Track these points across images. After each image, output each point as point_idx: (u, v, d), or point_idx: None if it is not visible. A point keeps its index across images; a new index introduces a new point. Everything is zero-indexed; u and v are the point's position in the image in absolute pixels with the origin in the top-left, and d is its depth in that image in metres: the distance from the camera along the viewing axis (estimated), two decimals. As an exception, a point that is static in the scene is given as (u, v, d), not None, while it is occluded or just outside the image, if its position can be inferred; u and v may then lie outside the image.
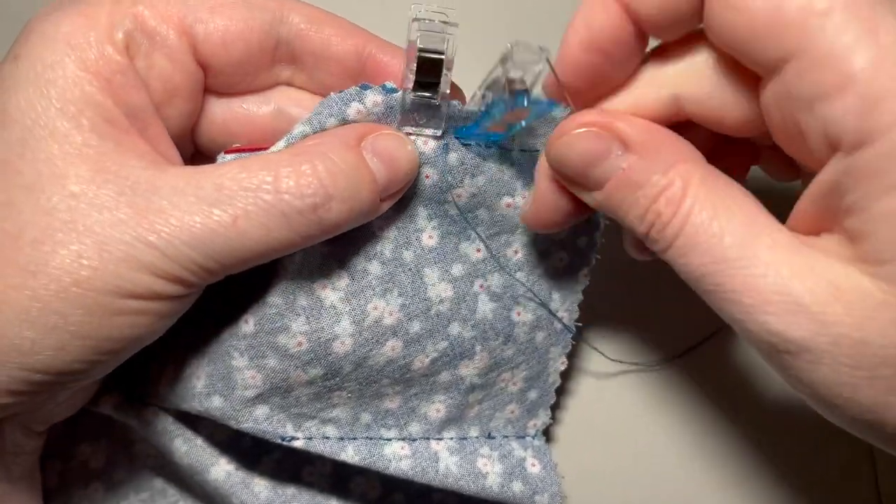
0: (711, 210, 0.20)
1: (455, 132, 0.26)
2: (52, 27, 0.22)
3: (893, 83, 0.17)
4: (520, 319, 0.29)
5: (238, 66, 0.25)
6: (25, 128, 0.21)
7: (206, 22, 0.24)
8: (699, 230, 0.20)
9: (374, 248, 0.26)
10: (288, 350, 0.25)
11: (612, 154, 0.22)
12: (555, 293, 0.30)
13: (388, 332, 0.26)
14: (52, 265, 0.20)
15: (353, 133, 0.24)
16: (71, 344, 0.20)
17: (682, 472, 0.35)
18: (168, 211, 0.20)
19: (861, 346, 0.18)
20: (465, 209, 0.27)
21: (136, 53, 0.23)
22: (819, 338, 0.19)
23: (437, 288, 0.27)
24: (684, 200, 0.20)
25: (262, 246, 0.21)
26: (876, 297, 0.18)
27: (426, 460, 0.28)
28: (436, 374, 0.28)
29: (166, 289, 0.21)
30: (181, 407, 0.27)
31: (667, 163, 0.21)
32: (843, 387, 0.19)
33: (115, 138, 0.21)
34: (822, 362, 0.19)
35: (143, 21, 0.23)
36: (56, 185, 0.20)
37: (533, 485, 0.29)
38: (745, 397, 0.35)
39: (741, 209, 0.20)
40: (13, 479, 0.25)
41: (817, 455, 0.35)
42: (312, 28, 0.25)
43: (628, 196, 0.22)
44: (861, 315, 0.18)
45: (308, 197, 0.21)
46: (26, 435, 0.25)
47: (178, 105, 0.25)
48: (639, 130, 0.22)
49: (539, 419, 0.31)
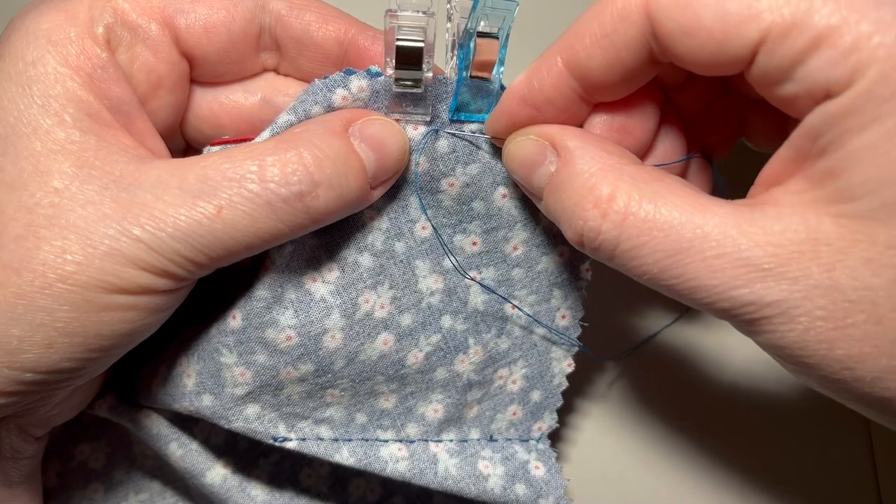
0: (651, 206, 0.20)
1: (450, 114, 0.25)
2: (33, 24, 0.22)
3: (860, 28, 0.17)
4: (512, 313, 0.28)
5: (222, 56, 0.25)
6: (8, 125, 0.21)
7: (187, 12, 0.24)
8: (643, 229, 0.20)
9: (365, 239, 0.26)
10: (277, 345, 0.25)
11: (546, 160, 0.23)
12: (556, 290, 0.29)
13: (379, 326, 0.26)
14: (35, 261, 0.19)
15: (339, 119, 0.23)
16: (58, 341, 0.20)
17: (682, 473, 0.35)
18: (152, 204, 0.20)
19: (833, 292, 0.18)
20: (460, 201, 0.26)
21: (117, 47, 0.23)
22: (792, 296, 0.19)
23: (427, 280, 0.26)
24: (615, 202, 0.20)
25: (249, 237, 0.21)
26: (843, 239, 0.18)
27: (424, 462, 0.28)
28: (431, 371, 0.27)
29: (154, 283, 0.21)
30: (173, 407, 0.26)
31: (593, 164, 0.21)
32: (820, 343, 0.19)
33: (99, 133, 0.21)
34: (797, 321, 0.19)
35: (124, 14, 0.23)
36: (39, 182, 0.20)
37: (537, 487, 0.29)
38: (745, 396, 0.35)
39: (679, 197, 0.20)
40: (12, 484, 0.25)
41: (817, 455, 0.35)
42: (293, 14, 0.25)
43: (557, 200, 0.22)
44: (829, 260, 0.18)
45: (293, 185, 0.21)
46: (24, 440, 0.25)
47: (163, 97, 0.24)
48: (570, 135, 0.23)
49: (545, 422, 0.30)
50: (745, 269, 0.19)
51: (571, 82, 0.23)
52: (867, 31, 0.17)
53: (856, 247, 0.18)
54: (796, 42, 0.18)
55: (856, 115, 0.18)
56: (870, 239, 0.18)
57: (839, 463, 0.35)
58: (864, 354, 0.18)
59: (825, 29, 0.18)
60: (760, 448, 0.35)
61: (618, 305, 0.36)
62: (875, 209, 0.18)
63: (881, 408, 0.19)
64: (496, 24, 0.23)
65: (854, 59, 0.17)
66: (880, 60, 0.17)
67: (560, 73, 0.22)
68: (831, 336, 0.18)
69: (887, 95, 0.17)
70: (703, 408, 0.35)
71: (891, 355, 0.18)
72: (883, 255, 0.18)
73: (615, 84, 0.22)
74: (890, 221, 0.18)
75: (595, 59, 0.22)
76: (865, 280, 0.18)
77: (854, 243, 0.18)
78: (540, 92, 0.23)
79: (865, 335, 0.18)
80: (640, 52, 0.21)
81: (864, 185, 0.18)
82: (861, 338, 0.18)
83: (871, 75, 0.17)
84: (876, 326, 0.18)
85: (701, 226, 0.20)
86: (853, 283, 0.18)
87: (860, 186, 0.18)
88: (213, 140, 0.25)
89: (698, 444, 0.35)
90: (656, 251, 0.20)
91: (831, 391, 0.20)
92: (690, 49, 0.20)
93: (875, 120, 0.17)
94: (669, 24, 0.20)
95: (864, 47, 0.17)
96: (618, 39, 0.21)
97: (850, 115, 0.18)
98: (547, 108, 0.23)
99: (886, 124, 0.17)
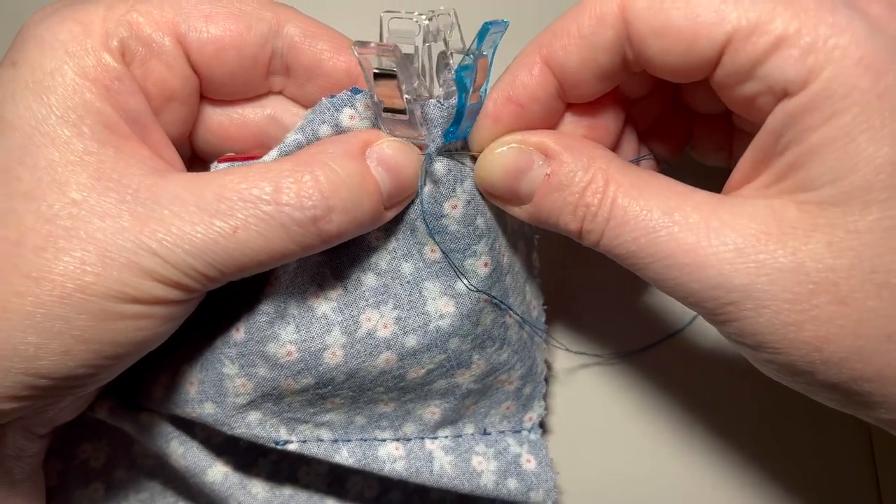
0: (635, 191, 0.22)
1: (449, 137, 0.25)
2: (49, 33, 0.22)
3: (818, 31, 0.19)
4: (511, 321, 0.29)
5: (231, 77, 0.25)
6: (25, 135, 0.21)
7: (200, 31, 0.24)
8: (627, 210, 0.22)
9: (369, 258, 0.26)
10: (278, 360, 0.25)
11: (534, 164, 0.24)
12: (527, 286, 0.30)
13: (381, 345, 0.26)
14: (55, 272, 0.20)
15: (357, 141, 0.23)
16: (75, 348, 0.20)
17: (681, 472, 0.35)
18: (169, 220, 0.21)
19: (798, 275, 0.19)
20: (465, 222, 0.26)
21: (131, 60, 0.23)
22: (759, 279, 0.20)
23: (437, 303, 0.26)
24: (608, 188, 0.22)
25: (262, 255, 0.22)
26: (806, 223, 0.20)
27: (420, 461, 0.28)
28: (431, 384, 0.28)
29: (168, 294, 0.21)
30: (175, 412, 0.27)
31: (586, 161, 0.23)
32: (788, 328, 0.20)
33: (116, 145, 0.22)
34: (765, 305, 0.20)
35: (139, 28, 0.23)
36: (57, 193, 0.21)
37: (528, 481, 0.30)
38: (744, 395, 0.35)
39: (659, 186, 0.22)
40: (15, 483, 0.26)
41: (817, 455, 0.35)
42: (306, 42, 0.25)
43: (557, 198, 0.23)
44: (794, 245, 0.20)
45: (308, 209, 0.21)
46: (28, 439, 0.25)
47: (175, 109, 0.25)
48: (555, 139, 0.24)
49: (534, 412, 0.31)
50: (715, 250, 0.20)
51: (552, 79, 0.24)
52: (824, 34, 0.19)
53: (818, 231, 0.19)
54: (759, 43, 0.20)
55: (814, 112, 0.19)
56: (830, 223, 0.19)
57: (839, 463, 0.35)
58: (831, 335, 0.19)
59: (785, 31, 0.19)
60: (760, 447, 0.35)
61: (617, 306, 0.36)
62: (835, 196, 0.19)
63: (847, 391, 0.20)
64: (487, 46, 0.23)
65: (811, 59, 0.19)
66: (836, 61, 0.19)
67: (542, 70, 0.24)
68: (798, 319, 0.20)
69: (843, 93, 0.19)
70: (701, 407, 0.35)
71: (856, 335, 0.19)
72: (843, 239, 0.19)
73: (588, 84, 0.24)
74: (849, 208, 0.19)
75: (572, 58, 0.23)
76: (827, 262, 0.19)
77: (816, 227, 0.19)
78: (524, 88, 0.24)
79: (830, 316, 0.19)
80: (614, 56, 0.22)
81: (824, 175, 0.19)
82: (827, 319, 0.19)
83: (827, 75, 0.19)
84: (839, 307, 0.19)
85: (678, 208, 0.21)
86: (816, 266, 0.19)
87: (821, 177, 0.19)
88: (220, 157, 0.25)
89: (696, 442, 0.35)
90: (636, 229, 0.22)
91: (800, 380, 0.21)
92: (661, 50, 0.21)
93: (832, 116, 0.19)
94: (643, 25, 0.21)
95: (820, 49, 0.19)
96: (595, 41, 0.22)
97: (809, 112, 0.19)
98: (531, 104, 0.24)
99: (843, 120, 0.19)
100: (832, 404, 0.22)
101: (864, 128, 0.19)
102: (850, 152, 0.19)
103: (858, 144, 0.19)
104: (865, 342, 0.19)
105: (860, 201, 0.19)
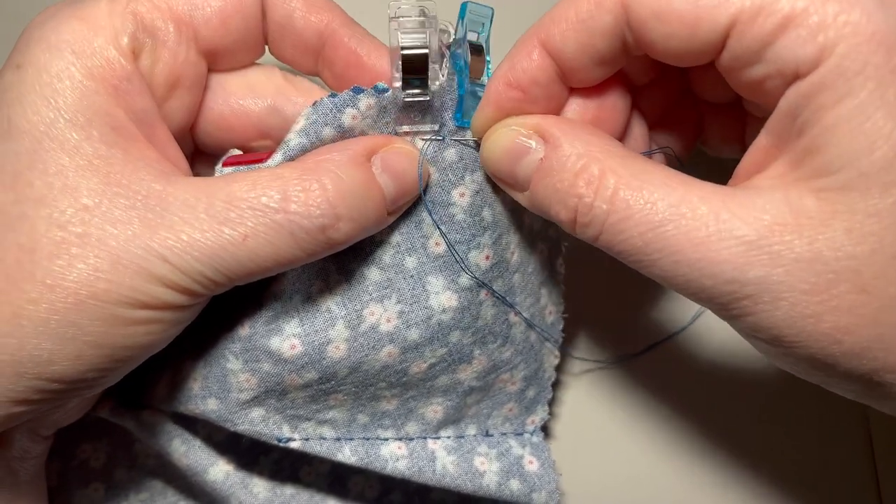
0: (637, 182, 0.21)
1: (456, 122, 0.25)
2: (53, 34, 0.22)
3: (826, 8, 0.18)
4: (516, 320, 0.29)
5: (240, 44, 0.25)
6: (35, 139, 0.21)
7: (201, 7, 0.24)
8: (630, 203, 0.21)
9: (373, 253, 0.26)
10: (282, 354, 0.25)
11: (532, 148, 0.23)
12: (543, 289, 0.30)
13: (384, 339, 0.26)
14: (69, 279, 0.20)
15: (362, 148, 0.24)
16: (87, 353, 0.21)
17: (680, 471, 0.35)
18: (179, 227, 0.21)
19: (816, 265, 0.19)
20: (471, 212, 0.26)
21: (140, 53, 0.23)
22: (775, 270, 0.19)
23: (440, 297, 0.26)
24: (605, 179, 0.21)
25: (269, 262, 0.22)
26: (823, 212, 0.19)
27: (423, 460, 0.29)
28: (433, 379, 0.28)
29: (177, 299, 0.22)
30: (178, 409, 0.27)
31: (581, 147, 0.22)
32: (807, 319, 0.19)
33: (124, 147, 0.22)
34: (782, 297, 0.19)
35: (143, 19, 0.23)
36: (69, 198, 0.21)
37: (530, 482, 0.30)
38: (743, 394, 0.35)
39: (664, 177, 0.21)
40: (19, 483, 0.26)
41: (817, 454, 0.35)
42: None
43: (548, 185, 0.23)
44: (811, 234, 0.19)
45: (316, 218, 0.22)
46: (33, 440, 0.26)
47: (181, 97, 0.25)
48: (554, 122, 0.24)
49: (537, 415, 0.31)
50: (727, 244, 0.19)
51: (551, 62, 0.23)
52: (833, 11, 0.18)
53: (836, 218, 0.18)
54: (766, 24, 0.19)
55: (828, 90, 0.18)
56: (849, 209, 0.18)
57: (839, 462, 0.35)
58: (851, 325, 0.19)
59: (792, 10, 0.19)
60: (760, 447, 0.35)
61: (617, 310, 0.36)
62: (853, 179, 0.18)
63: (867, 383, 0.20)
64: (476, 30, 0.24)
65: (822, 37, 0.18)
66: (847, 37, 0.18)
67: (541, 54, 0.23)
68: (817, 310, 0.19)
69: (857, 69, 0.18)
70: (700, 406, 0.35)
71: (877, 323, 0.19)
72: (863, 224, 0.18)
73: (588, 69, 0.23)
74: (868, 191, 0.18)
75: (570, 43, 0.22)
76: (847, 250, 0.18)
77: (834, 214, 0.18)
78: (524, 72, 0.23)
79: (851, 305, 0.18)
80: (613, 40, 0.22)
81: (841, 157, 0.18)
82: (847, 308, 0.18)
83: (839, 52, 0.18)
84: (860, 295, 0.18)
85: (684, 200, 0.20)
86: (836, 254, 0.18)
87: (837, 159, 0.18)
88: (225, 159, 0.25)
89: (696, 441, 0.35)
90: (641, 223, 0.20)
91: (818, 372, 0.20)
92: (663, 35, 0.21)
93: (847, 94, 0.18)
94: (643, 10, 0.20)
95: (831, 25, 0.18)
96: (593, 25, 0.22)
97: (823, 91, 0.18)
98: (532, 88, 0.24)
99: (858, 97, 0.18)
100: (850, 396, 0.21)
101: (879, 104, 0.18)
102: (867, 131, 0.18)
103: (875, 122, 0.18)
104: (886, 330, 0.19)
105: (880, 182, 0.18)
